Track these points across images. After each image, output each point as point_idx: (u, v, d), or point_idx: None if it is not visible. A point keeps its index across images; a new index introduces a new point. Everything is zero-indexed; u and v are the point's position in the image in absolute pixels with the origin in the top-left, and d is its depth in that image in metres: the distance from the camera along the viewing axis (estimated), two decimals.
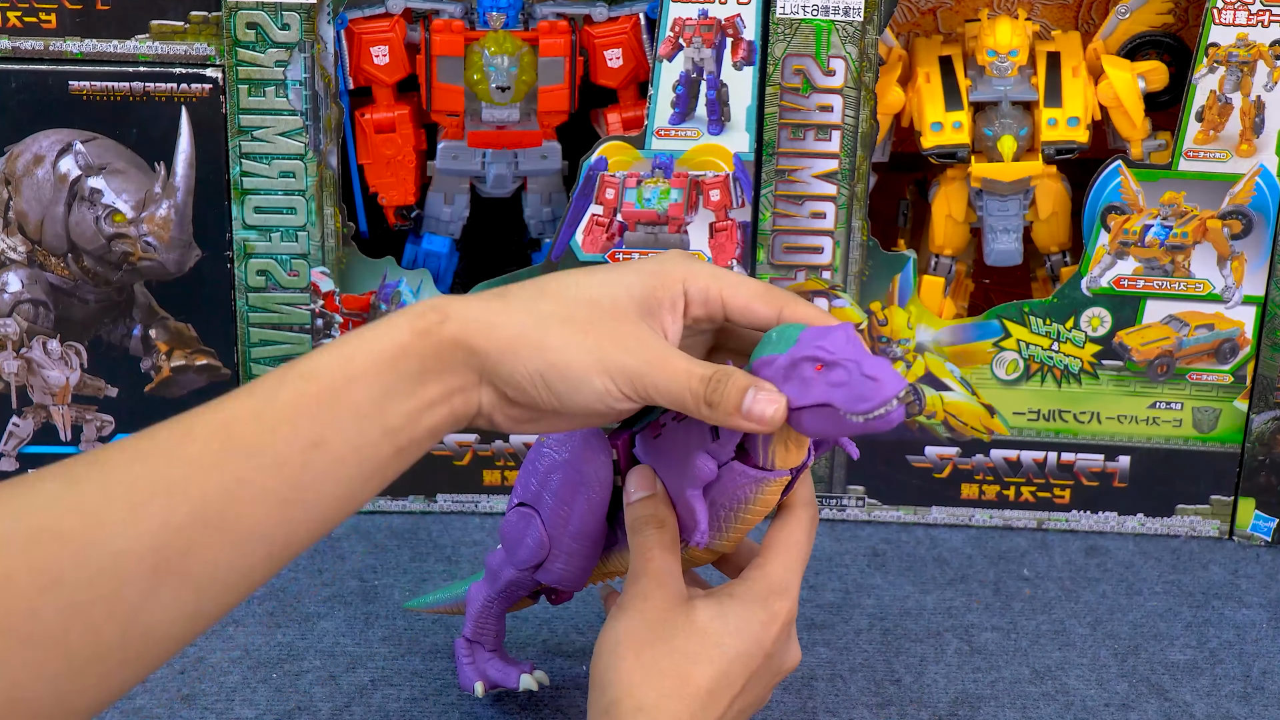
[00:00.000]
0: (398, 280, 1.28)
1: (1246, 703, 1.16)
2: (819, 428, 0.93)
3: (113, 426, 1.31)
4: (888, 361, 0.92)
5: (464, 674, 1.11)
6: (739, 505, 0.99)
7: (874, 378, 0.90)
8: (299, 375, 0.90)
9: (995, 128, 1.26)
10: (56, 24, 1.21)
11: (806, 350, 0.92)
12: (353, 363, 0.90)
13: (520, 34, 1.25)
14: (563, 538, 1.04)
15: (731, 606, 0.97)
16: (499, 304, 0.93)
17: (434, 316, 0.91)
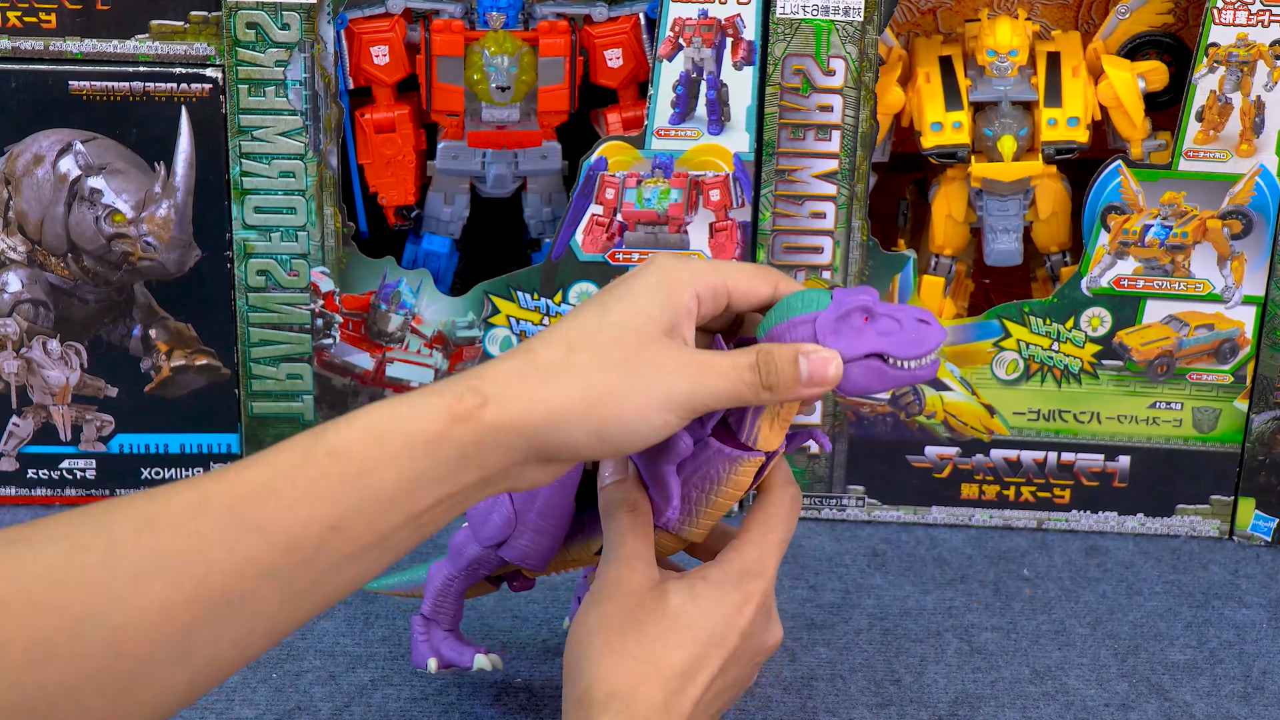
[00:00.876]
0: (398, 280, 1.28)
1: (1246, 703, 1.16)
2: (861, 380, 0.94)
3: (113, 426, 1.31)
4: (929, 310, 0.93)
5: (417, 650, 1.10)
6: (711, 485, 0.99)
7: (926, 321, 0.93)
8: (326, 452, 0.86)
9: (995, 128, 1.26)
10: (56, 24, 1.21)
11: (855, 302, 0.93)
12: (384, 445, 0.87)
13: (520, 34, 1.25)
14: (529, 514, 1.04)
15: (703, 589, 0.97)
16: (535, 374, 0.90)
17: (473, 400, 0.88)
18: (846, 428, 1.31)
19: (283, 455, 0.86)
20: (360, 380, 1.29)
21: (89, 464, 1.31)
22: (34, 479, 1.32)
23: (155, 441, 1.31)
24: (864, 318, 0.94)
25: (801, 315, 0.94)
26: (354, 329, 1.28)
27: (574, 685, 0.95)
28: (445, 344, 1.29)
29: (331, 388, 1.29)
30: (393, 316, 1.28)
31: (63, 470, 1.32)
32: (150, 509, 0.84)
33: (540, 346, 0.92)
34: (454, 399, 0.88)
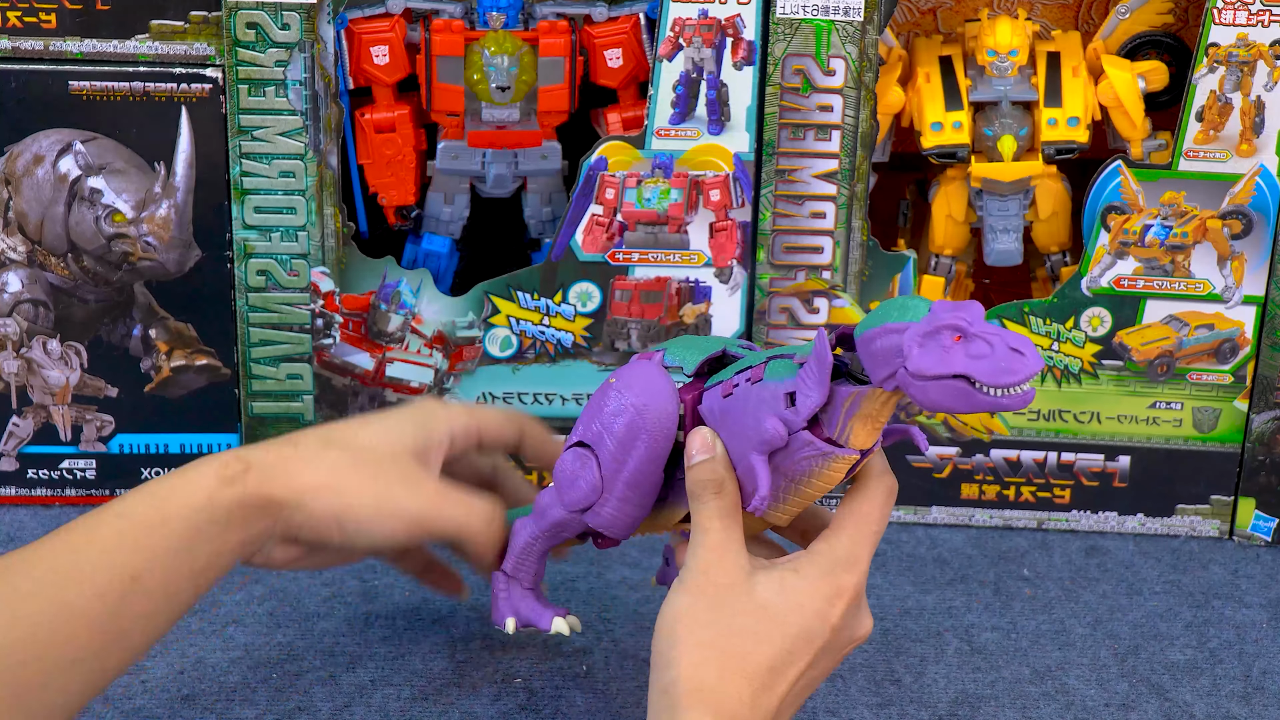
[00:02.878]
0: (398, 280, 1.28)
1: (1246, 703, 1.16)
2: (943, 400, 0.91)
3: (113, 426, 1.31)
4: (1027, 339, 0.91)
5: (497, 609, 1.10)
6: (801, 477, 0.98)
7: (1020, 351, 0.89)
8: (115, 514, 0.99)
9: (995, 128, 1.26)
10: (56, 24, 1.21)
11: (946, 319, 0.90)
12: (166, 504, 0.99)
13: (520, 34, 1.25)
14: (616, 483, 1.03)
15: (794, 582, 0.97)
16: (294, 452, 1.03)
17: (238, 466, 1.01)
18: None
19: (81, 522, 0.99)
20: (360, 380, 1.29)
21: (89, 464, 1.31)
22: (34, 479, 1.32)
23: (155, 441, 1.31)
24: (955, 337, 0.90)
25: (894, 323, 0.92)
26: (354, 329, 1.28)
27: (661, 674, 0.95)
28: (445, 344, 1.29)
29: (331, 388, 1.29)
30: (393, 316, 1.28)
31: (63, 470, 1.32)
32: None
33: (301, 438, 1.05)
34: (222, 465, 1.01)
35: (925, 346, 0.90)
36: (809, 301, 1.28)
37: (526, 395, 1.30)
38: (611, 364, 1.29)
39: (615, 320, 1.28)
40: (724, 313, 1.28)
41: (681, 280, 1.27)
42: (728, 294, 1.28)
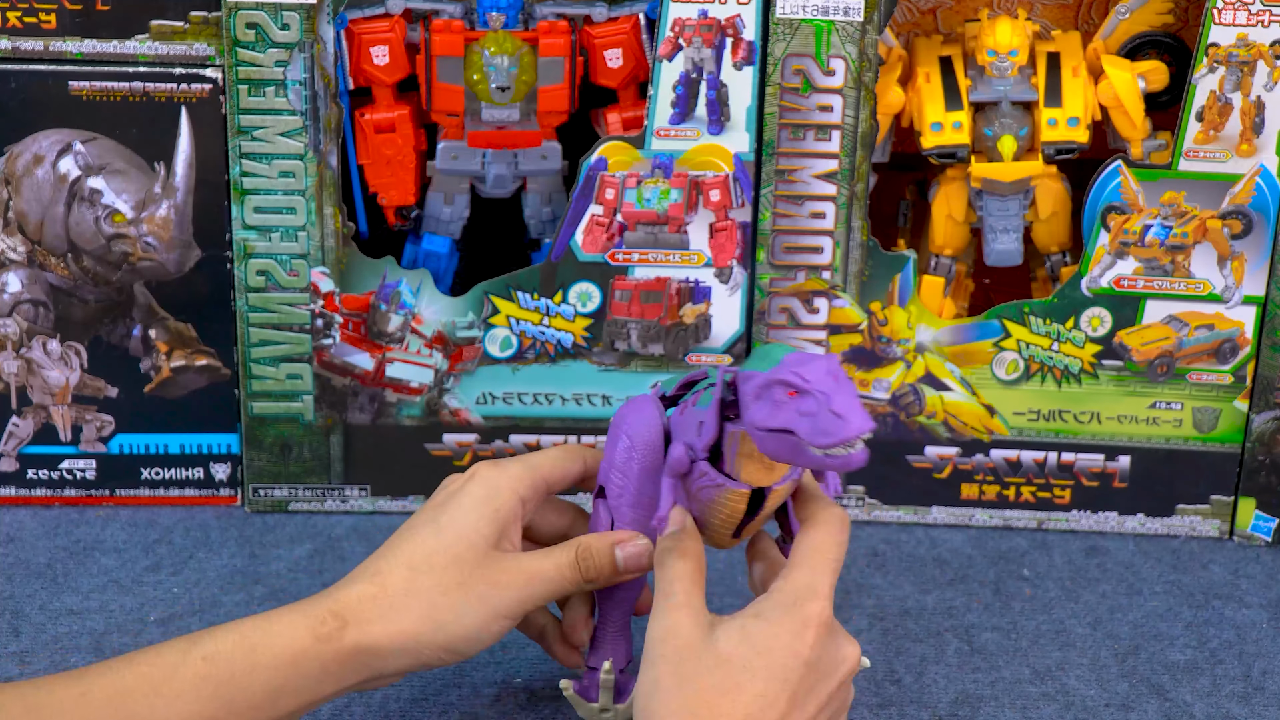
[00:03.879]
0: (398, 280, 1.28)
1: (1246, 703, 1.16)
2: (779, 452, 0.93)
3: (113, 426, 1.31)
4: (858, 402, 0.91)
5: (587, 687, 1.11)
6: (706, 504, 1.00)
7: (840, 414, 0.90)
8: (201, 656, 0.97)
9: (995, 128, 1.26)
10: (56, 24, 1.21)
11: (783, 374, 0.93)
12: (255, 654, 0.98)
13: (520, 34, 1.25)
14: (623, 508, 1.05)
15: (755, 626, 0.96)
16: (386, 599, 1.01)
17: (334, 624, 1.00)
18: None
19: (162, 656, 0.98)
20: (360, 380, 1.29)
21: (89, 464, 1.31)
22: (34, 479, 1.32)
23: (155, 441, 1.31)
24: (790, 392, 0.92)
25: (747, 371, 0.95)
26: (354, 329, 1.28)
27: None
28: (445, 344, 1.29)
29: (331, 388, 1.29)
30: (393, 316, 1.28)
31: (63, 470, 1.32)
32: (35, 696, 0.94)
33: (386, 569, 1.02)
34: (317, 622, 1.00)
35: (761, 399, 0.93)
36: (809, 302, 1.28)
37: (526, 395, 1.30)
38: (611, 364, 1.29)
39: (615, 320, 1.28)
40: (724, 313, 1.28)
41: (681, 280, 1.27)
42: (728, 294, 1.28)
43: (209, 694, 0.97)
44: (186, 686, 0.96)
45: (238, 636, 0.99)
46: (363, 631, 1.00)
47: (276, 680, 0.98)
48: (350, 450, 1.31)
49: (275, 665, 0.98)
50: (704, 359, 1.29)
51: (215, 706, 0.97)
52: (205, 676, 0.97)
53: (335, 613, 1.00)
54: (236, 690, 0.97)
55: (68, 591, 1.23)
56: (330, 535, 1.30)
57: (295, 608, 1.01)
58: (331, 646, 0.99)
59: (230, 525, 1.31)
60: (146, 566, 1.26)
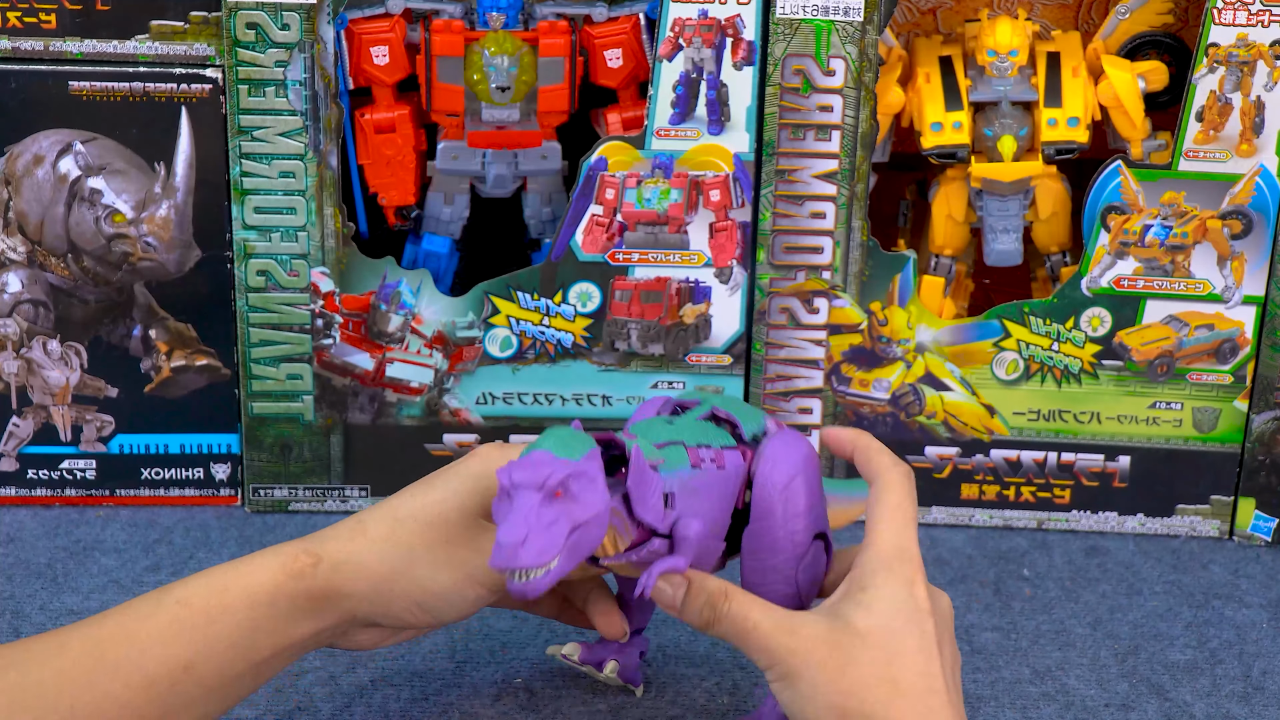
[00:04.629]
0: (398, 280, 1.28)
1: (1246, 703, 1.16)
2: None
3: (113, 426, 1.31)
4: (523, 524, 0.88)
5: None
6: None
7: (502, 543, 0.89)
8: (174, 600, 0.97)
9: (995, 128, 1.26)
10: (56, 24, 1.21)
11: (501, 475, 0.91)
12: (227, 594, 0.98)
13: (520, 34, 1.25)
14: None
15: (871, 596, 0.96)
16: (364, 541, 1.00)
17: (306, 560, 0.99)
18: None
19: (135, 605, 0.97)
20: (360, 380, 1.29)
21: (89, 464, 1.31)
22: (34, 479, 1.32)
23: (155, 442, 1.31)
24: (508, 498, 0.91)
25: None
26: (354, 329, 1.28)
27: None
28: (445, 344, 1.29)
29: (331, 388, 1.29)
30: (393, 317, 1.28)
31: (63, 470, 1.32)
32: (13, 653, 0.95)
33: (370, 519, 1.02)
34: (289, 558, 0.99)
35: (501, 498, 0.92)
36: (809, 302, 1.28)
37: (526, 396, 1.30)
38: (611, 364, 1.29)
39: (615, 320, 1.28)
40: (724, 313, 1.28)
41: (681, 280, 1.27)
42: (728, 294, 1.28)
43: (185, 637, 0.96)
44: (162, 631, 0.96)
45: (211, 579, 0.98)
46: (335, 570, 0.99)
47: (251, 619, 0.98)
48: (350, 450, 1.31)
49: (249, 604, 0.98)
50: (704, 359, 1.29)
51: (192, 649, 0.96)
52: (179, 619, 0.97)
53: (309, 550, 1.00)
54: (212, 632, 0.97)
55: (68, 591, 1.23)
56: None
57: (270, 549, 1.00)
58: (304, 584, 0.99)
59: (230, 525, 1.31)
60: (146, 566, 1.26)
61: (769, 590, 1.01)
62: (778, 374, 1.29)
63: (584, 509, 0.90)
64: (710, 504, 0.99)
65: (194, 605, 0.97)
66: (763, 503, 1.00)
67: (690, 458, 0.98)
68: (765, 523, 1.01)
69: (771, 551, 1.01)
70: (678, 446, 0.99)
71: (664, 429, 1.00)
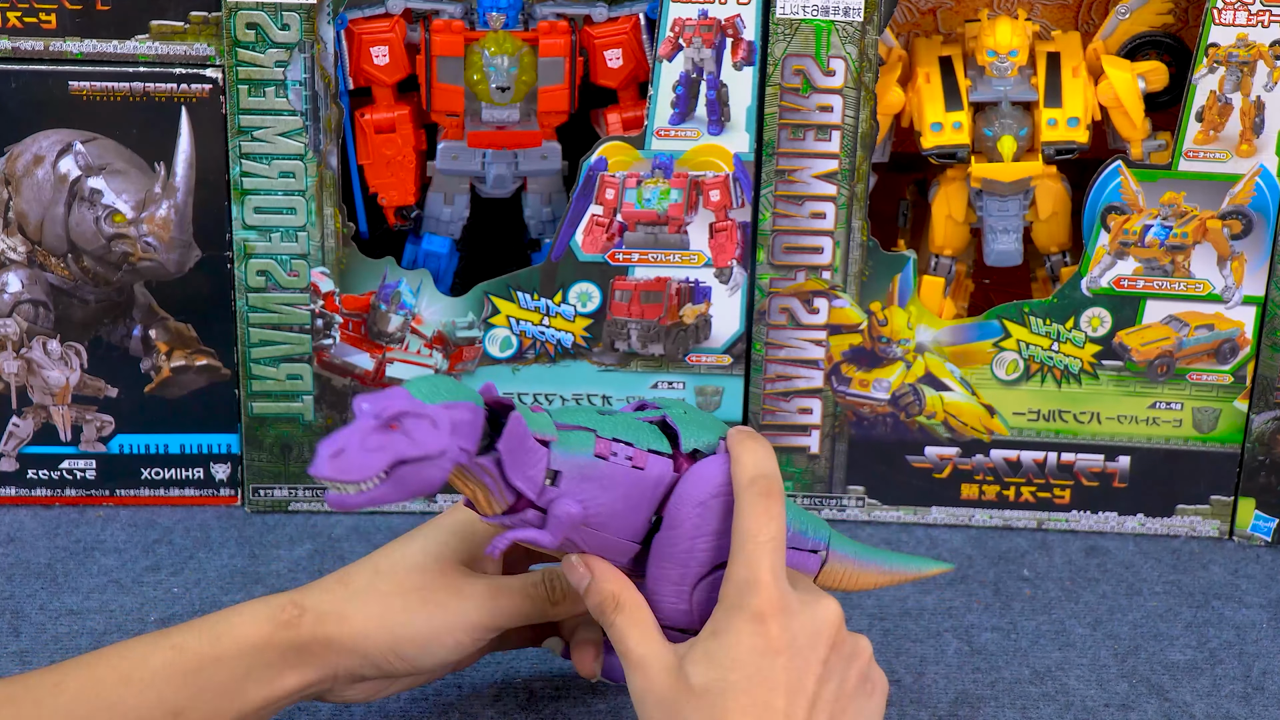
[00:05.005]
0: (398, 280, 1.28)
1: (1246, 703, 1.16)
2: None
3: (113, 426, 1.31)
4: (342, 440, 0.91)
5: None
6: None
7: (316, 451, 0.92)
8: (170, 645, 0.99)
9: (995, 128, 1.26)
10: (56, 24, 1.21)
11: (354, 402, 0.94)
12: (219, 644, 1.00)
13: (520, 34, 1.25)
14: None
15: (714, 645, 0.94)
16: (345, 593, 1.02)
17: (293, 611, 1.01)
18: (847, 428, 1.31)
19: (133, 648, 1.00)
20: (360, 380, 1.29)
21: (89, 464, 1.31)
22: (34, 479, 1.32)
23: (155, 441, 1.31)
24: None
25: None
26: (354, 329, 1.28)
27: None
28: (445, 344, 1.29)
29: (331, 388, 1.29)
30: (393, 317, 1.28)
31: (63, 470, 1.32)
32: (10, 689, 0.97)
33: (353, 572, 1.04)
34: (278, 609, 1.01)
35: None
36: (809, 302, 1.28)
37: (526, 396, 1.30)
38: (611, 364, 1.29)
39: (615, 320, 1.28)
40: (724, 313, 1.28)
41: (681, 280, 1.27)
42: (728, 294, 1.28)
43: (178, 683, 0.98)
44: (156, 675, 0.98)
45: (204, 627, 1.01)
46: (319, 622, 1.01)
47: (241, 668, 0.99)
48: None
49: (239, 653, 1.00)
50: (704, 359, 1.29)
51: (184, 695, 0.98)
52: (173, 665, 0.99)
53: (296, 602, 1.02)
54: (204, 678, 0.99)
55: (68, 591, 1.23)
56: (330, 535, 1.30)
57: (260, 600, 1.02)
58: (290, 634, 1.00)
59: (230, 525, 1.31)
60: (146, 566, 1.26)
61: (663, 600, 1.01)
62: (778, 374, 1.30)
63: (414, 447, 0.92)
64: (612, 497, 0.99)
65: (187, 652, 0.99)
66: (674, 513, 1.00)
67: (597, 447, 0.99)
68: (672, 533, 1.00)
69: (672, 562, 1.01)
70: (586, 433, 0.99)
71: (587, 417, 1.01)
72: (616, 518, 1.00)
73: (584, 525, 0.99)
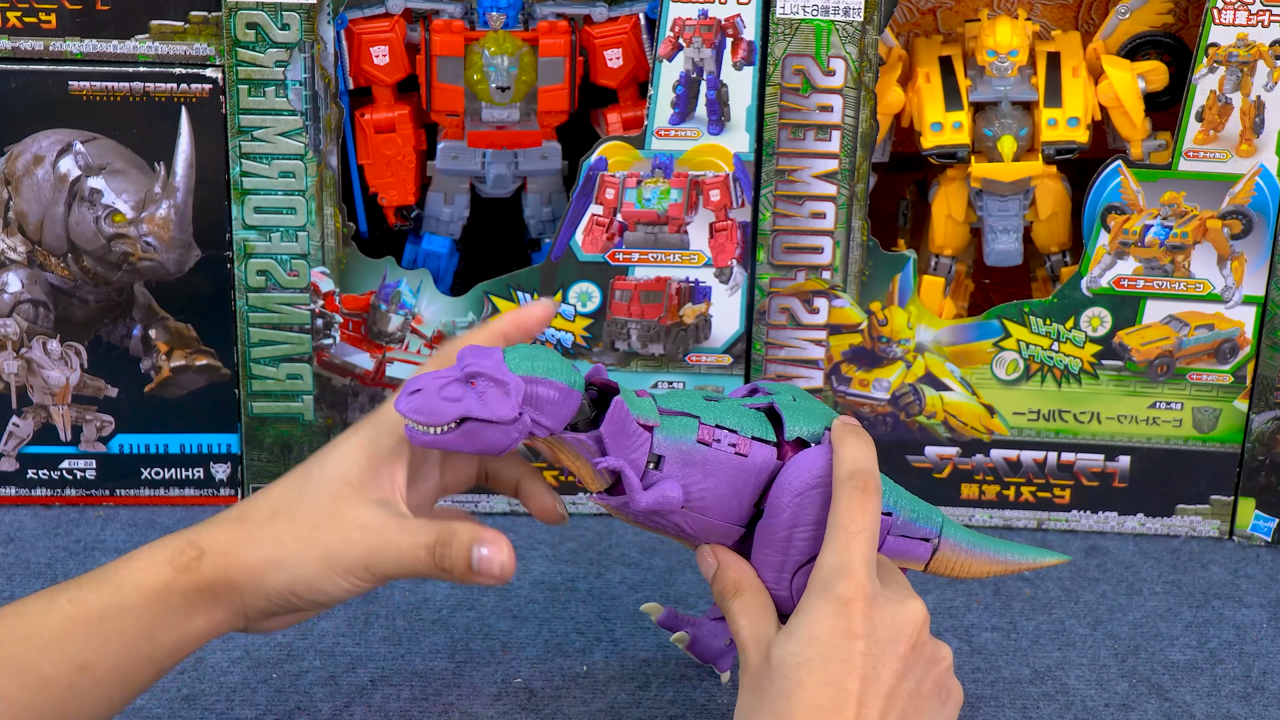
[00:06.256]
0: (398, 280, 1.28)
1: (1246, 703, 1.16)
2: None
3: (113, 426, 1.31)
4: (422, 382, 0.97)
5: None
6: None
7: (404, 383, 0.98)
8: (67, 599, 0.96)
9: (995, 128, 1.26)
10: (56, 24, 1.21)
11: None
12: (120, 592, 0.97)
13: (520, 34, 1.25)
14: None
15: (796, 623, 0.96)
16: (243, 531, 1.00)
17: (191, 553, 0.98)
18: None
19: (30, 604, 0.97)
20: (360, 380, 1.29)
21: (89, 464, 1.31)
22: (34, 479, 1.32)
23: (155, 441, 1.31)
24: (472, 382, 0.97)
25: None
26: (354, 329, 1.28)
27: None
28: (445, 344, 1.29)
29: (331, 388, 1.29)
30: (393, 316, 1.28)
31: (63, 470, 1.32)
32: None
33: (252, 508, 1.01)
34: (175, 552, 0.99)
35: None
36: (809, 301, 1.28)
37: None
38: (611, 364, 1.29)
39: (615, 320, 1.28)
40: (724, 313, 1.28)
41: (681, 280, 1.27)
42: (728, 294, 1.28)
43: (81, 636, 0.96)
44: (56, 630, 0.96)
45: (101, 577, 0.98)
46: (217, 562, 0.98)
47: (146, 616, 0.97)
48: None
49: (142, 600, 0.97)
50: (704, 359, 1.29)
51: (90, 648, 0.96)
52: (73, 618, 0.96)
53: (193, 543, 0.99)
54: (107, 629, 0.96)
55: None
56: None
57: (157, 542, 0.99)
58: (191, 576, 0.98)
59: None
60: None
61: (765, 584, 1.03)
62: (778, 374, 1.29)
63: (483, 409, 0.95)
64: (715, 482, 1.01)
65: (87, 604, 0.96)
66: (775, 501, 1.02)
67: (700, 433, 1.01)
68: (772, 520, 1.02)
69: (772, 549, 1.02)
70: (690, 419, 1.01)
71: (693, 402, 1.03)
72: (720, 502, 1.02)
73: (686, 508, 1.01)
